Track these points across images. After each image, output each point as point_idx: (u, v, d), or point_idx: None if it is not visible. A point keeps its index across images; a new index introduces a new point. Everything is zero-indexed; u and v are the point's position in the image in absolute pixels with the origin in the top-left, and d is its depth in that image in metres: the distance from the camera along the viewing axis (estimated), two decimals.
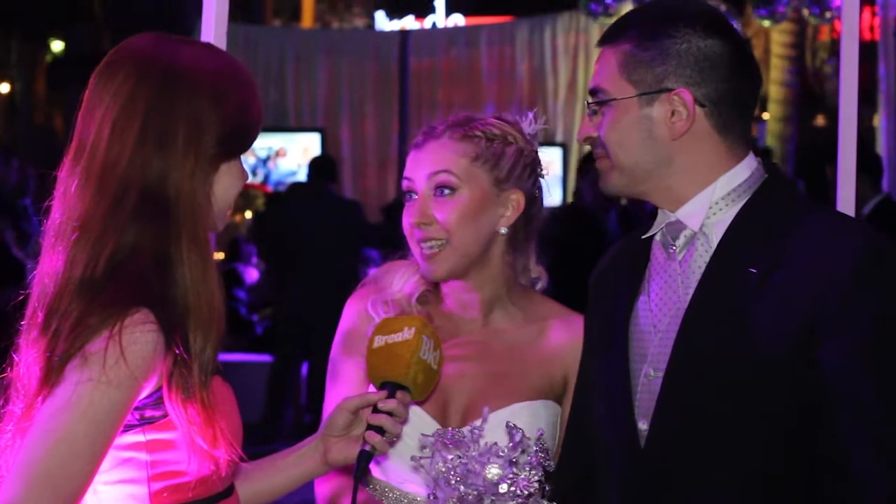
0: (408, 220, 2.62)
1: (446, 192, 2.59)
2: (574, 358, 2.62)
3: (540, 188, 2.70)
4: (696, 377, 2.23)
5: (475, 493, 2.41)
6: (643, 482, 2.28)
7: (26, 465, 1.91)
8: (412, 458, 2.44)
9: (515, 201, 2.64)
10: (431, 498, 2.44)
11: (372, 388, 2.46)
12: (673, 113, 2.28)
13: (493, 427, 2.56)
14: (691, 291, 2.28)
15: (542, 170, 2.71)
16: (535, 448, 2.44)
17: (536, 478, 2.42)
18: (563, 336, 2.67)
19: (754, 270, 2.21)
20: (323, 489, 2.67)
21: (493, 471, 2.38)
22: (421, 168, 2.62)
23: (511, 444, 2.41)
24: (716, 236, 2.30)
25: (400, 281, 2.71)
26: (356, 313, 2.71)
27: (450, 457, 2.41)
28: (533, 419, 2.59)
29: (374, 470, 2.64)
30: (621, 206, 8.32)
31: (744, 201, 2.30)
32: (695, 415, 2.23)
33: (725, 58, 2.30)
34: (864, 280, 2.16)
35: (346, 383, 2.68)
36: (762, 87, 2.40)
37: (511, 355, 2.65)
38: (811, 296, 2.16)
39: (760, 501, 2.21)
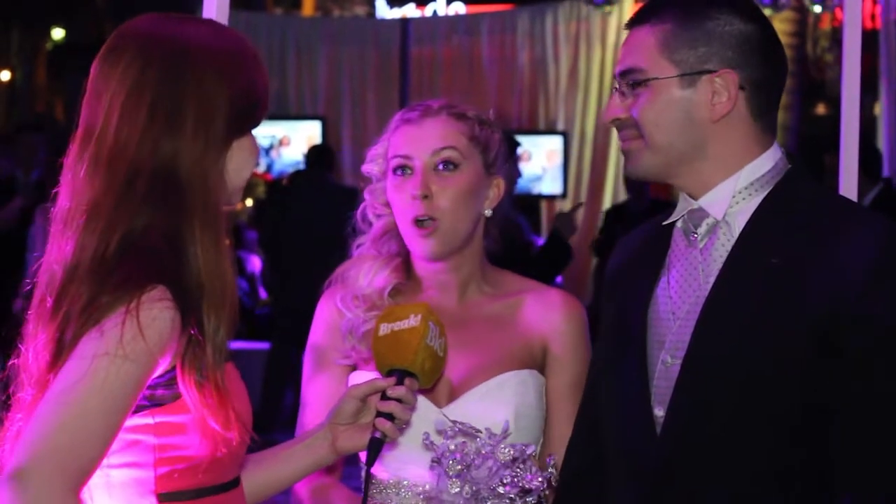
0: (406, 194, 2.63)
1: (450, 167, 2.62)
2: (551, 331, 2.66)
3: (513, 177, 2.83)
4: (714, 365, 2.23)
5: (472, 481, 2.41)
6: (658, 469, 2.27)
7: (37, 435, 1.87)
8: (424, 434, 2.44)
9: (497, 186, 2.70)
10: (433, 463, 2.43)
11: (365, 376, 2.48)
12: (714, 95, 2.27)
13: (481, 396, 2.58)
14: (712, 280, 2.28)
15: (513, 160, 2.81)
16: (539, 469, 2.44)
17: (529, 483, 2.42)
18: (539, 310, 2.70)
19: (776, 261, 2.21)
20: (301, 489, 2.67)
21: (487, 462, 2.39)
22: (423, 143, 2.64)
23: (521, 458, 2.41)
24: (738, 226, 2.29)
25: (367, 275, 2.71)
26: (328, 310, 2.73)
27: (462, 441, 2.40)
28: (522, 388, 2.61)
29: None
30: None
31: (766, 192, 2.30)
32: (713, 402, 2.23)
33: (763, 43, 2.30)
34: (884, 273, 2.16)
35: (329, 373, 2.70)
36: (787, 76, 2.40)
37: (489, 328, 2.68)
38: (831, 289, 2.16)
39: (776, 491, 2.20)
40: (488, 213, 2.71)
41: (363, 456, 2.54)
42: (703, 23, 2.29)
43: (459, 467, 2.38)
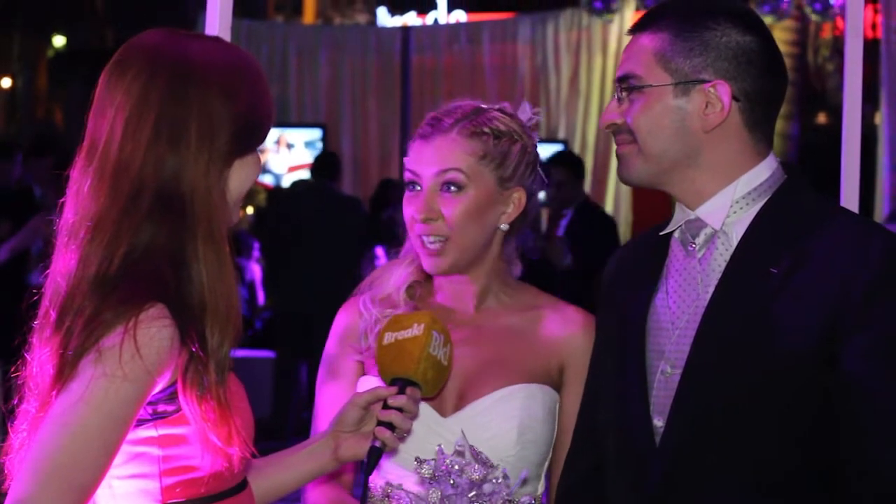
0: (410, 212, 2.62)
1: (453, 189, 2.59)
2: (570, 349, 2.63)
3: (538, 184, 2.72)
4: (714, 375, 2.23)
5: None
6: (657, 480, 2.27)
7: (39, 459, 1.90)
8: (416, 460, 2.42)
9: (517, 199, 2.65)
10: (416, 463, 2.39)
11: (375, 384, 2.47)
12: (707, 105, 2.28)
13: (487, 407, 2.57)
14: (711, 290, 2.28)
15: (540, 165, 2.72)
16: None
17: None
18: (558, 327, 2.67)
19: (775, 270, 2.21)
20: (313, 497, 2.66)
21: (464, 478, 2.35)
22: (428, 163, 2.61)
23: (507, 492, 2.37)
24: (736, 235, 2.29)
25: (391, 278, 2.71)
26: (349, 314, 2.72)
27: (468, 464, 2.36)
28: (529, 401, 2.59)
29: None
30: None
31: (763, 201, 2.30)
32: (712, 412, 2.23)
33: (761, 55, 2.31)
34: (886, 279, 2.16)
35: (341, 380, 2.69)
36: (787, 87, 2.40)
37: (504, 339, 2.66)
38: (833, 295, 2.16)
39: (777, 501, 2.20)
40: (504, 227, 2.66)
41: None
42: (701, 33, 2.30)
43: (430, 472, 2.35)
